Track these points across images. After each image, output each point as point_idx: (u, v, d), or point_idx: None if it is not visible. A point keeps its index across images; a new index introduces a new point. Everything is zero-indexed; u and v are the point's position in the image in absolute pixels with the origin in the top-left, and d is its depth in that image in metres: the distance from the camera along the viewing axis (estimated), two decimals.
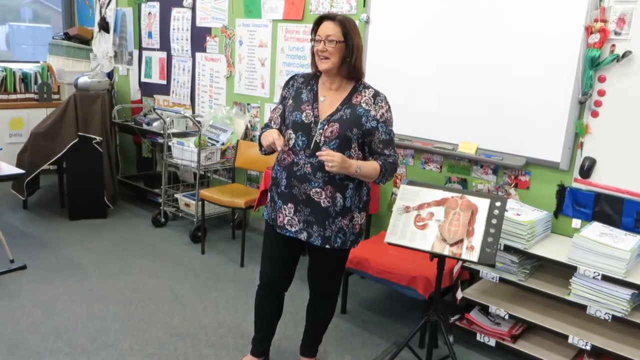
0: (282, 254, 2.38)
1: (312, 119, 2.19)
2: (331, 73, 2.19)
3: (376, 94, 2.21)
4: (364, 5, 3.60)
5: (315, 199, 2.19)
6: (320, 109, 2.20)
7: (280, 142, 2.13)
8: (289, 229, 2.27)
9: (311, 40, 2.20)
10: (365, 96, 2.20)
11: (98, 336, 2.86)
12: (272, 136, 2.15)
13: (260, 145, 2.29)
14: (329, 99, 2.22)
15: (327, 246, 2.25)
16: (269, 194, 2.39)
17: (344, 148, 2.15)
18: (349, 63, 2.16)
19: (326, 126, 2.16)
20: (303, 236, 2.26)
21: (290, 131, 2.22)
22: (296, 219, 2.25)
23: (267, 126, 2.35)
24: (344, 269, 2.51)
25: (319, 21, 2.17)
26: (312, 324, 2.57)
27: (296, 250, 2.38)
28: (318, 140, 2.15)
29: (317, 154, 2.11)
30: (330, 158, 2.04)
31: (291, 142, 2.21)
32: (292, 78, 2.34)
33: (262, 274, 2.44)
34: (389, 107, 2.24)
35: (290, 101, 2.28)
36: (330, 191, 2.18)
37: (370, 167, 2.17)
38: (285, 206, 2.26)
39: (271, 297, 2.47)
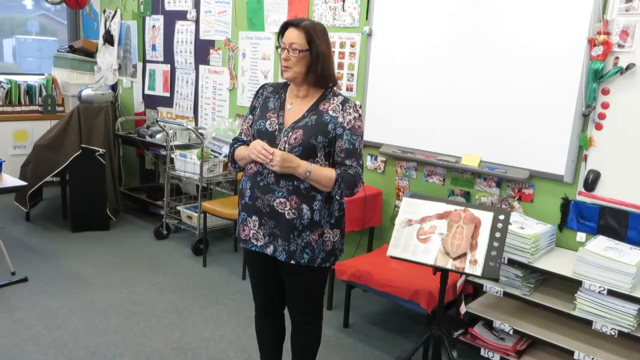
0: (262, 272, 2.24)
1: (277, 126, 2.09)
2: (297, 81, 2.09)
3: (345, 101, 2.11)
4: (367, 19, 3.61)
5: (279, 210, 2.06)
6: (286, 117, 2.11)
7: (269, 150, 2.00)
8: (255, 243, 2.14)
9: (276, 47, 2.10)
10: (333, 103, 2.09)
11: (98, 350, 2.84)
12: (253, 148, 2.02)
13: (234, 162, 2.20)
14: (296, 107, 2.13)
15: (291, 262, 2.09)
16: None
17: (309, 156, 2.04)
18: (315, 71, 2.05)
19: (290, 133, 2.06)
20: (269, 250, 2.11)
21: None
22: (261, 233, 2.12)
23: (237, 140, 2.25)
24: (322, 291, 2.26)
25: (285, 27, 2.06)
26: (296, 357, 2.35)
27: (273, 266, 2.20)
28: (282, 148, 2.04)
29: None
30: (266, 154, 1.96)
31: None
32: (262, 87, 2.24)
33: (254, 296, 2.35)
34: (359, 115, 2.12)
35: (258, 110, 2.19)
36: (296, 202, 2.05)
37: (324, 173, 2.03)
38: (249, 219, 2.14)
39: (269, 317, 2.36)
